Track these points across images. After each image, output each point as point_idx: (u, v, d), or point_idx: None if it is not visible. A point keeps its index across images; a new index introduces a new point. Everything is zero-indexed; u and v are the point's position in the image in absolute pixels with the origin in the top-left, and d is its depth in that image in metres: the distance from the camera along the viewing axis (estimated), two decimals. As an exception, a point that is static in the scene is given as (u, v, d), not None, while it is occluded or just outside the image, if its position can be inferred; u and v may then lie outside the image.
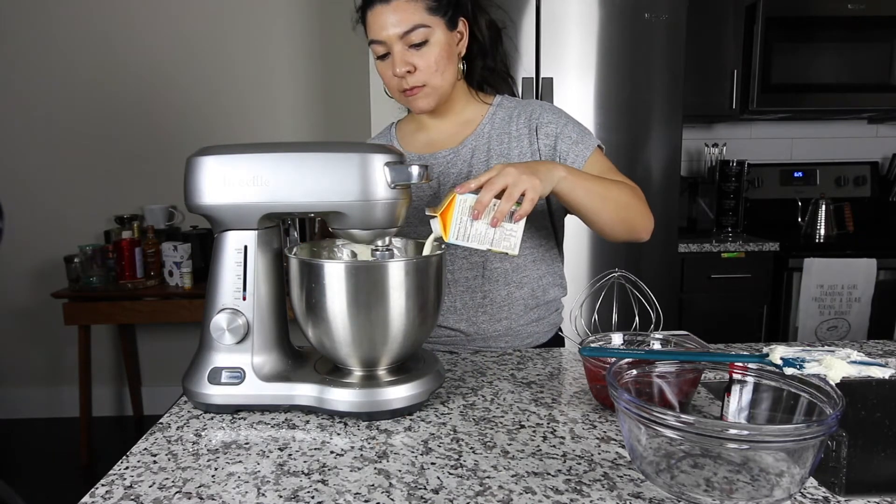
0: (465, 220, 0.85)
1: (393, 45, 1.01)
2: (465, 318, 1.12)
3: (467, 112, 1.15)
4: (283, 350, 0.86)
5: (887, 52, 2.53)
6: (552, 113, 1.11)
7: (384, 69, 1.05)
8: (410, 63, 1.02)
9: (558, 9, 2.11)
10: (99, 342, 2.92)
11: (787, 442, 0.54)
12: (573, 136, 1.08)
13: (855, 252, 2.42)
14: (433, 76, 1.04)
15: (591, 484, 0.64)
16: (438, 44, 1.02)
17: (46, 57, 2.75)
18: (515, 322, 1.13)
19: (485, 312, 1.12)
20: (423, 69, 1.02)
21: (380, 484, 0.64)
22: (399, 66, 1.02)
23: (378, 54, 1.04)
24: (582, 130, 1.10)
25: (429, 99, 1.06)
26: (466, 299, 1.12)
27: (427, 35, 1.01)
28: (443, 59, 1.03)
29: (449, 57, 1.05)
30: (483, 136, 1.12)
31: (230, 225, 0.82)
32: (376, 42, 1.03)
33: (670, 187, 2.22)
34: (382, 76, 1.07)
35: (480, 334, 1.13)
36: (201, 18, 2.76)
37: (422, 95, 1.05)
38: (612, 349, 0.85)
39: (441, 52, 1.03)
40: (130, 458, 0.71)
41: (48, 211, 2.84)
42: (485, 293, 1.12)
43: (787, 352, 0.66)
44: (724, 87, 2.57)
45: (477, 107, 1.16)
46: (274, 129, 2.84)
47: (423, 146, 1.16)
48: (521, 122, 1.11)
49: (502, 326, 1.13)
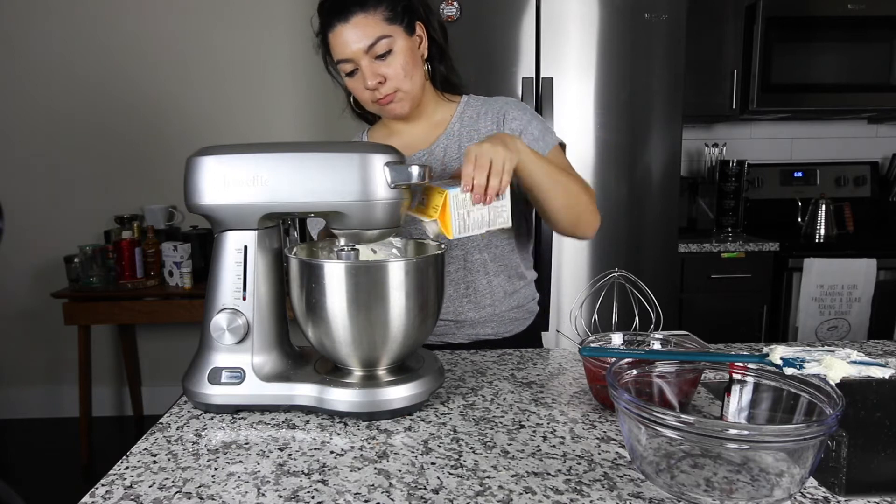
0: (461, 213, 0.88)
1: (360, 59, 1.04)
2: (452, 308, 1.17)
3: (438, 113, 1.19)
4: (283, 350, 0.86)
5: (887, 52, 2.53)
6: (517, 109, 1.15)
7: (355, 85, 1.09)
8: (380, 74, 1.05)
9: (558, 9, 2.11)
10: (99, 342, 2.92)
11: (787, 442, 0.54)
12: (535, 133, 1.12)
13: (855, 252, 2.42)
14: (403, 82, 1.06)
15: (591, 484, 0.64)
16: (402, 51, 1.05)
17: (46, 57, 2.75)
18: (498, 308, 1.19)
19: (469, 301, 1.17)
20: (393, 77, 1.05)
21: (380, 484, 0.64)
22: (370, 79, 1.04)
23: (346, 72, 1.07)
24: (545, 128, 1.14)
25: (403, 104, 1.09)
26: (451, 291, 1.17)
27: (390, 45, 1.04)
28: (409, 64, 1.06)
29: (414, 61, 1.08)
30: (454, 135, 1.16)
31: (230, 225, 0.82)
32: (343, 61, 1.06)
33: (670, 187, 2.22)
34: (354, 92, 1.11)
35: (468, 321, 1.18)
36: (202, 18, 2.76)
37: (396, 101, 1.08)
38: (612, 349, 0.85)
39: (406, 57, 1.06)
40: (130, 458, 0.71)
41: (48, 211, 2.84)
42: (468, 283, 1.17)
43: (787, 352, 0.66)
44: (724, 87, 2.57)
45: (446, 106, 1.19)
46: (274, 129, 2.84)
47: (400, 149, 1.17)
48: (488, 119, 1.15)
49: (486, 313, 1.18)
